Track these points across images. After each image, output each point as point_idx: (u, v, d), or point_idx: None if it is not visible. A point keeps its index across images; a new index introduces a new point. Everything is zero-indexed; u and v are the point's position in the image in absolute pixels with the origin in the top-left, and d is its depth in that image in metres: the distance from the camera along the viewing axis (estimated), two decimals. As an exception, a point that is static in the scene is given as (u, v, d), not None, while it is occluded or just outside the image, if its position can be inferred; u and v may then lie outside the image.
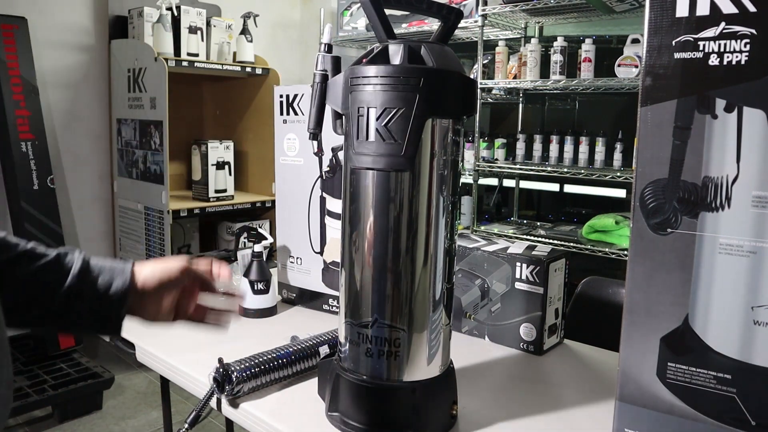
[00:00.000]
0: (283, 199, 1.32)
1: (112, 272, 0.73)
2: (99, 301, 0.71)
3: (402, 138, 0.73)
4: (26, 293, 0.69)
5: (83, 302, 0.71)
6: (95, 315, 0.72)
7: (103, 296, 0.71)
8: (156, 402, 2.48)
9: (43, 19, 2.78)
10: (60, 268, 0.71)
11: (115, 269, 0.73)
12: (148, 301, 0.75)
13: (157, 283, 0.74)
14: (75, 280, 0.70)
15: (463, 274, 1.15)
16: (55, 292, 0.69)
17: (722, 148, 0.64)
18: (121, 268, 0.73)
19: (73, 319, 0.72)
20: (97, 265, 0.73)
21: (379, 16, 0.77)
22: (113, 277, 0.72)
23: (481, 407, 0.89)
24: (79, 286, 0.70)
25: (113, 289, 0.71)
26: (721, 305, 0.66)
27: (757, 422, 0.66)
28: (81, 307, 0.71)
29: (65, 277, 0.70)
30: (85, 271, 0.71)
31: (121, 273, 0.73)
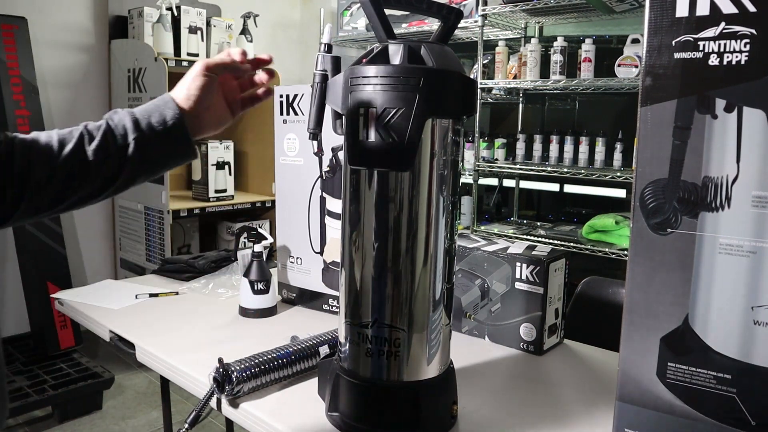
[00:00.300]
0: (283, 199, 1.32)
1: (158, 109, 0.78)
2: (165, 138, 0.77)
3: (402, 138, 0.73)
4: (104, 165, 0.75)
5: (152, 145, 0.77)
6: (168, 150, 0.79)
7: (166, 132, 0.77)
8: (156, 402, 2.48)
9: (43, 19, 2.78)
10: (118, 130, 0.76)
11: (159, 105, 0.78)
12: (203, 115, 0.81)
13: (196, 94, 0.79)
14: (136, 133, 0.76)
15: (463, 274, 1.15)
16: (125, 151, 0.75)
17: (722, 148, 0.64)
18: (163, 102, 0.79)
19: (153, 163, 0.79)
20: (144, 111, 0.78)
21: (379, 16, 0.77)
22: (163, 113, 0.78)
23: (481, 407, 0.89)
24: (142, 137, 0.76)
25: (170, 122, 0.77)
26: (721, 305, 0.66)
27: (757, 422, 0.66)
28: (152, 150, 0.77)
29: (125, 136, 0.76)
30: (138, 122, 0.77)
31: (165, 105, 0.78)
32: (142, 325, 1.18)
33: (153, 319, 1.23)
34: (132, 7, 2.88)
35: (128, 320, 1.21)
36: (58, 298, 1.34)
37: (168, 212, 2.73)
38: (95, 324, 1.22)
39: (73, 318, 1.33)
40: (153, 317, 1.24)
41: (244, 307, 1.25)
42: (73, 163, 0.74)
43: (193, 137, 0.80)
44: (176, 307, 1.32)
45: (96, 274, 3.07)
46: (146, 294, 1.36)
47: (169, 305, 1.32)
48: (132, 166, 0.76)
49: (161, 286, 1.46)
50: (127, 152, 0.75)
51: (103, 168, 0.75)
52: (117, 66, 2.94)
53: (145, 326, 1.18)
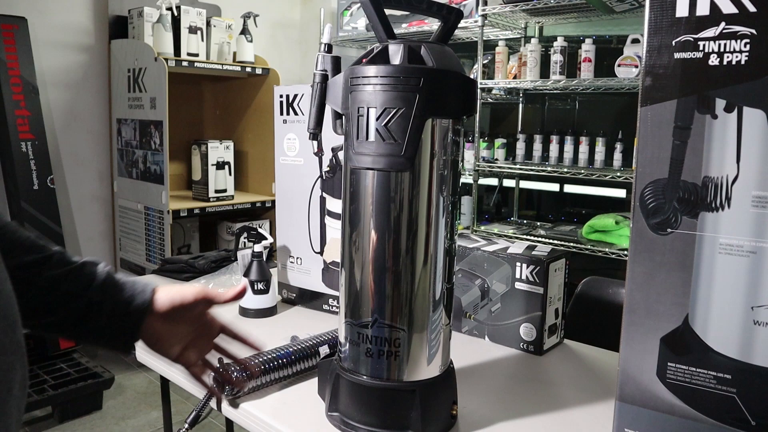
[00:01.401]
0: (283, 199, 1.32)
1: (134, 289, 0.72)
2: (117, 317, 0.71)
3: (402, 138, 0.73)
4: (49, 298, 0.69)
5: (101, 315, 0.70)
6: (111, 329, 0.71)
7: (123, 312, 0.71)
8: (156, 402, 2.48)
9: (43, 19, 2.78)
10: (84, 276, 0.70)
11: (137, 287, 0.73)
12: (160, 326, 0.74)
13: (168, 305, 0.73)
14: (97, 291, 0.70)
15: (463, 274, 1.15)
16: (77, 300, 0.69)
17: (722, 148, 0.64)
18: (142, 287, 0.73)
19: (89, 329, 0.71)
20: (121, 280, 0.73)
21: (379, 16, 0.77)
22: (134, 295, 0.72)
23: (481, 407, 0.89)
24: (100, 298, 0.70)
25: (133, 306, 0.71)
26: (721, 305, 0.66)
27: (757, 422, 0.66)
28: (99, 319, 0.70)
29: (88, 286, 0.70)
30: (108, 284, 0.71)
31: (142, 292, 0.72)
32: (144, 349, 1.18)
33: (153, 319, 1.22)
34: (132, 7, 2.88)
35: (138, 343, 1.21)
36: (58, 298, 1.34)
37: (168, 212, 2.73)
38: (95, 324, 1.22)
39: (73, 318, 1.33)
40: (153, 317, 1.24)
41: (244, 307, 1.25)
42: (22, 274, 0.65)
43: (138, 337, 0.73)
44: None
45: (96, 274, 3.07)
46: (146, 294, 1.36)
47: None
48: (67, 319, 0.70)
49: (161, 286, 1.45)
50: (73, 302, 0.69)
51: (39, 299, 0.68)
52: (117, 66, 2.94)
53: (145, 326, 1.18)
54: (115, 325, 0.71)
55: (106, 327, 0.71)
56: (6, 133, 2.52)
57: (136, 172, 2.91)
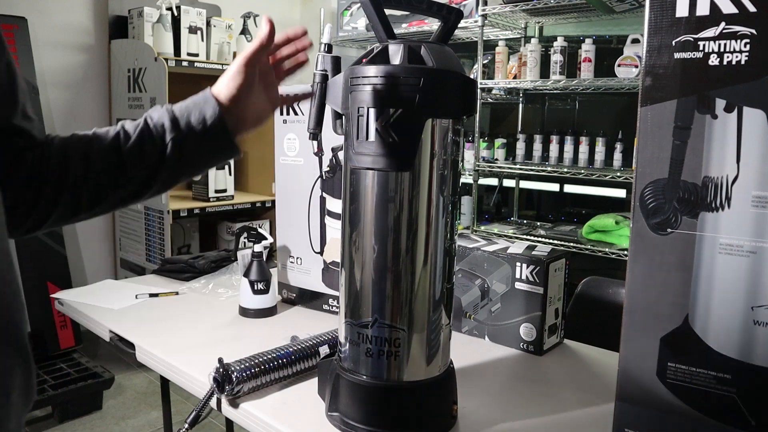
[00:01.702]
0: (283, 199, 1.32)
1: (198, 107, 0.77)
2: (204, 138, 0.76)
3: (402, 138, 0.73)
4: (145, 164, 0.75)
5: (191, 145, 0.76)
6: (208, 149, 0.78)
7: (205, 132, 0.76)
8: (156, 402, 2.48)
9: (43, 19, 2.78)
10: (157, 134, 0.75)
11: (199, 103, 0.77)
12: (244, 112, 0.80)
13: (236, 92, 0.78)
14: (174, 133, 0.75)
15: (463, 274, 1.15)
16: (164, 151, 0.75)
17: (722, 148, 0.64)
18: (203, 99, 0.78)
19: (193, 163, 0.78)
20: (183, 109, 0.77)
21: (379, 16, 0.76)
22: (203, 111, 0.76)
23: (481, 407, 0.89)
24: (180, 136, 0.75)
25: (209, 121, 0.76)
26: (721, 305, 0.66)
27: (757, 422, 0.66)
28: (192, 151, 0.77)
29: (163, 135, 0.75)
30: (177, 120, 0.76)
31: (205, 102, 0.77)
32: (142, 325, 1.18)
33: (153, 319, 1.23)
34: (132, 7, 2.89)
35: (128, 320, 1.21)
36: (58, 298, 1.34)
37: (168, 212, 2.73)
38: (95, 324, 1.22)
39: (73, 318, 1.33)
40: (153, 317, 1.24)
41: (244, 307, 1.25)
42: (109, 161, 0.73)
43: (235, 135, 0.79)
44: (176, 307, 1.32)
45: (96, 274, 3.07)
46: (146, 294, 1.36)
47: (169, 305, 1.32)
48: (170, 166, 0.76)
49: (161, 286, 1.46)
50: (165, 153, 0.75)
51: (139, 168, 0.74)
52: (117, 66, 2.94)
53: (145, 326, 1.18)
54: (210, 145, 0.78)
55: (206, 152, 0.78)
56: (6, 133, 2.52)
57: (136, 172, 2.90)
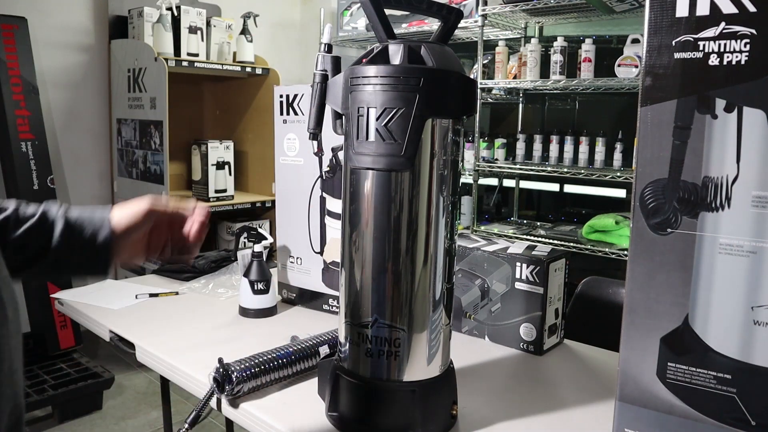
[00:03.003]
0: (283, 199, 1.32)
1: (93, 225, 0.77)
2: (86, 258, 0.77)
3: (402, 138, 0.73)
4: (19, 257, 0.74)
5: (71, 261, 0.77)
6: (85, 266, 0.79)
7: (90, 252, 0.77)
8: (156, 402, 2.48)
9: (43, 19, 2.78)
10: (45, 232, 0.75)
11: (95, 221, 0.77)
12: (121, 245, 0.80)
13: (124, 228, 0.79)
14: (61, 244, 0.75)
15: (463, 274, 1.15)
16: (45, 256, 0.75)
17: (722, 148, 0.64)
18: (100, 220, 0.78)
19: (64, 271, 0.80)
20: (78, 221, 0.77)
21: (379, 16, 0.76)
22: (96, 231, 0.77)
23: (481, 407, 0.89)
24: (66, 250, 0.75)
25: (99, 244, 0.76)
26: (721, 305, 0.66)
27: (757, 422, 0.66)
28: (69, 264, 0.78)
29: (50, 240, 0.75)
30: (68, 233, 0.76)
31: (101, 227, 0.77)
32: (142, 325, 1.18)
33: (153, 319, 1.23)
34: (132, 7, 2.88)
35: (128, 320, 1.21)
36: (58, 298, 1.34)
37: (168, 212, 2.72)
38: (95, 324, 1.22)
39: (73, 318, 1.33)
40: (153, 317, 1.24)
41: (244, 307, 1.25)
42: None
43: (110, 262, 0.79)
44: (176, 307, 1.32)
45: (96, 274, 3.07)
46: (146, 294, 1.36)
47: (169, 305, 1.32)
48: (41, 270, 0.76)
49: (161, 286, 1.46)
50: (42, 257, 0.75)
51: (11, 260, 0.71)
52: (117, 66, 2.94)
53: (145, 326, 1.18)
54: (87, 263, 0.78)
55: (79, 266, 0.79)
56: (6, 133, 2.52)
57: (136, 172, 2.91)
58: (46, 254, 0.75)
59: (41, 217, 0.76)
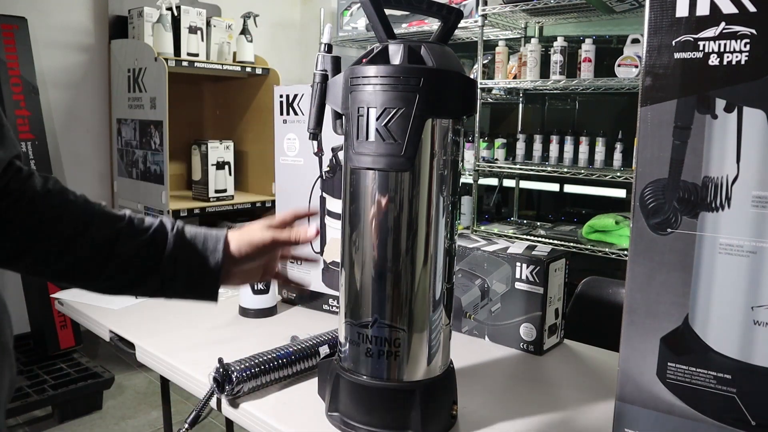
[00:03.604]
0: (283, 199, 1.32)
1: (206, 249, 0.74)
2: (194, 282, 0.74)
3: (402, 138, 0.73)
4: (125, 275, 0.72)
5: (178, 283, 0.74)
6: (191, 291, 0.75)
7: (198, 277, 0.74)
8: (156, 402, 2.48)
9: (43, 19, 2.78)
10: (155, 248, 0.72)
11: (209, 245, 0.74)
12: (238, 271, 0.78)
13: (244, 255, 0.77)
14: (169, 264, 0.72)
15: (463, 274, 1.15)
16: (152, 275, 0.72)
17: (722, 148, 0.64)
18: (214, 245, 0.75)
19: (170, 293, 0.75)
20: (191, 242, 0.74)
21: (379, 16, 0.76)
22: (206, 256, 0.74)
23: (481, 407, 0.89)
24: (173, 271, 0.72)
25: (208, 269, 0.74)
26: (721, 305, 0.66)
27: (757, 422, 0.66)
28: (176, 286, 0.74)
29: (160, 259, 0.72)
30: (179, 252, 0.73)
31: (213, 251, 0.74)
32: (142, 325, 1.18)
33: (153, 319, 1.23)
34: (132, 7, 2.88)
35: (128, 320, 1.21)
36: (58, 298, 1.34)
37: (168, 212, 2.72)
38: (95, 324, 1.22)
39: (73, 318, 1.33)
40: (153, 317, 1.24)
41: (244, 307, 1.25)
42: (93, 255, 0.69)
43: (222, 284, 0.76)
44: (176, 307, 1.31)
45: (96, 274, 3.07)
46: (146, 294, 1.36)
47: (169, 305, 1.32)
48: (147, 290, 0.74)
49: (161, 286, 1.45)
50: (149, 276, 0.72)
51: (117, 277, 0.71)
52: (117, 66, 2.94)
53: (145, 326, 1.18)
54: (193, 288, 0.75)
55: (186, 290, 0.75)
56: (6, 133, 2.52)
57: (136, 172, 2.91)
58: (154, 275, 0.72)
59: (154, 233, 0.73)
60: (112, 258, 0.70)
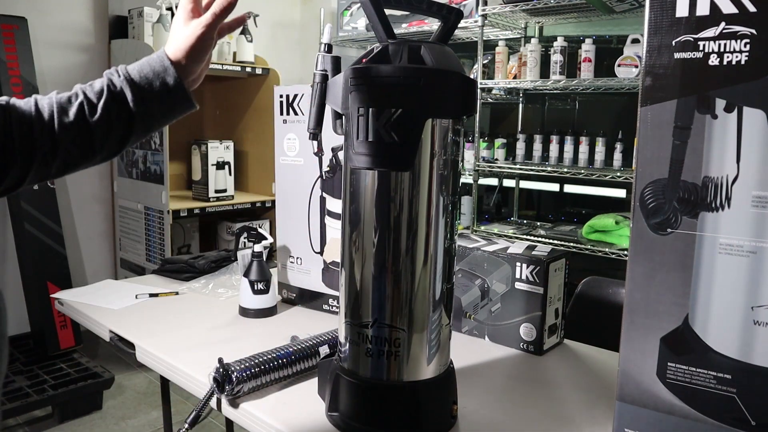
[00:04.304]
0: (283, 199, 1.32)
1: (156, 73, 0.79)
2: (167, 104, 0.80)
3: (402, 138, 0.73)
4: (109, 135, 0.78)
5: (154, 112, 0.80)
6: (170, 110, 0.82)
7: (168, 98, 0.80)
8: (156, 402, 2.48)
9: (43, 19, 2.78)
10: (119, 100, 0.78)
11: (156, 68, 0.79)
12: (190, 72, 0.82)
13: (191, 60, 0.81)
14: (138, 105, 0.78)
15: (463, 274, 1.15)
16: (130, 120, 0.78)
17: (722, 148, 0.64)
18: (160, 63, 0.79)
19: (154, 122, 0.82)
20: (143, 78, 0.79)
21: (379, 16, 0.76)
22: (163, 78, 0.79)
23: (481, 407, 0.89)
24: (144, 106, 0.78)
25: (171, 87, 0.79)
26: (721, 305, 0.66)
27: (757, 422, 0.66)
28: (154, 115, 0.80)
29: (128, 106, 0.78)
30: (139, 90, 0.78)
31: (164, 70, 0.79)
32: (142, 325, 1.18)
33: (153, 319, 1.23)
34: (132, 7, 2.89)
35: (128, 320, 1.21)
36: (58, 298, 1.35)
37: (168, 212, 2.73)
38: (95, 324, 1.22)
39: (73, 318, 1.33)
40: (153, 317, 1.24)
41: (244, 307, 1.25)
42: (75, 135, 0.76)
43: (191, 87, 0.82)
44: (176, 307, 1.32)
45: (96, 274, 3.07)
46: (146, 294, 1.36)
47: (169, 305, 1.33)
48: (135, 133, 0.80)
49: (161, 286, 1.46)
50: (132, 125, 0.78)
51: (107, 139, 0.78)
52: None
53: (145, 326, 1.18)
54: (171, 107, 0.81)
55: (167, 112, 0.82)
56: (6, 133, 2.52)
57: (136, 172, 2.91)
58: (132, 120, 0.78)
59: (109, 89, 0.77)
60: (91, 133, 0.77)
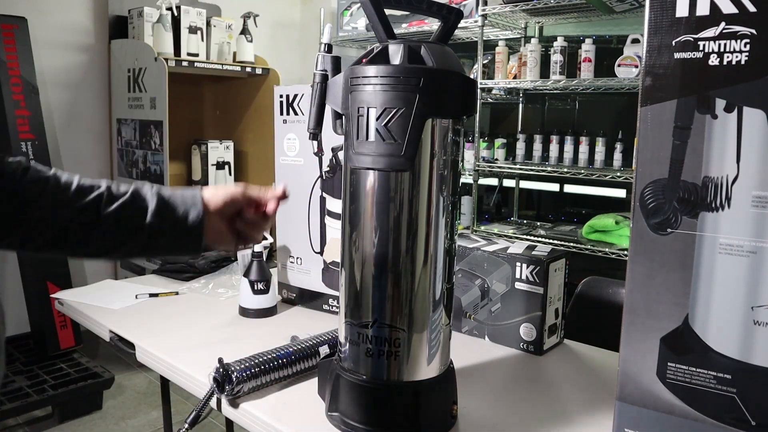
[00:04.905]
0: (283, 199, 1.32)
1: (186, 204, 0.79)
2: (180, 236, 0.79)
3: (402, 138, 0.73)
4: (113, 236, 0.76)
5: (165, 237, 0.78)
6: (178, 246, 0.80)
7: (183, 230, 0.78)
8: (156, 402, 2.48)
9: (43, 19, 2.78)
10: (138, 207, 0.77)
11: (187, 200, 0.79)
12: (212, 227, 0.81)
13: (219, 207, 0.81)
14: (155, 220, 0.76)
15: (463, 274, 1.15)
16: (138, 233, 0.77)
17: (722, 148, 0.64)
18: (192, 199, 0.79)
19: (158, 250, 0.82)
20: (171, 199, 0.79)
21: (379, 16, 0.77)
22: (188, 210, 0.78)
23: (481, 407, 0.89)
24: (159, 225, 0.77)
25: (190, 222, 0.78)
26: (721, 305, 0.66)
27: (757, 422, 0.66)
28: (163, 241, 0.79)
29: (144, 216, 0.76)
30: (161, 209, 0.77)
31: (194, 205, 0.79)
32: (142, 325, 1.18)
33: (153, 319, 1.23)
34: (132, 7, 2.89)
35: (128, 320, 1.21)
36: (58, 298, 1.34)
37: (168, 212, 2.72)
38: (95, 324, 1.22)
39: (73, 318, 1.33)
40: (153, 317, 1.24)
41: (244, 307, 1.25)
42: (80, 220, 0.74)
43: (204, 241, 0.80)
44: (176, 307, 1.32)
45: (96, 274, 3.07)
46: (146, 294, 1.36)
47: (169, 305, 1.32)
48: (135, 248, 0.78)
49: (161, 286, 1.46)
50: (136, 234, 0.76)
51: (108, 236, 0.75)
52: (117, 66, 2.94)
53: (145, 326, 1.18)
54: (180, 241, 0.79)
55: (173, 245, 0.80)
56: (6, 133, 2.52)
57: (136, 172, 2.91)
58: (140, 232, 0.76)
59: (134, 194, 0.77)
60: (98, 222, 0.75)
